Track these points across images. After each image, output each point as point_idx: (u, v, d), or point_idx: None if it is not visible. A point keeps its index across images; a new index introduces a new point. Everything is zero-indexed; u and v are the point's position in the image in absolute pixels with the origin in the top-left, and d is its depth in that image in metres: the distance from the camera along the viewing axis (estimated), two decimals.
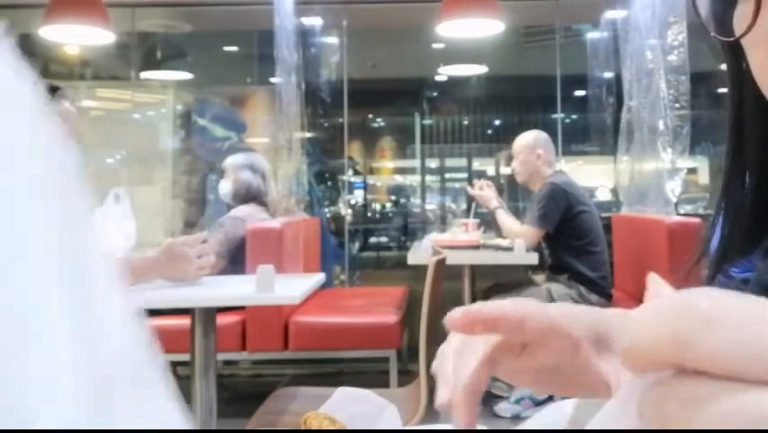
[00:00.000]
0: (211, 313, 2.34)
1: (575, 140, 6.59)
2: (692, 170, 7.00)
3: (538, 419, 0.59)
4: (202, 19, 5.82)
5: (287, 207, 4.41)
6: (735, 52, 0.49)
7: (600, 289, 3.62)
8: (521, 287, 3.80)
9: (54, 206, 0.31)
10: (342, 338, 3.60)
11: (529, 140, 3.87)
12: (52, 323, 0.28)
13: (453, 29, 4.21)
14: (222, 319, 2.88)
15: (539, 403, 3.53)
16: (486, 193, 3.99)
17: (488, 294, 4.00)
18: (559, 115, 5.77)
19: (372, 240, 7.62)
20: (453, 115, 7.90)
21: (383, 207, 8.23)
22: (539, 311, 0.43)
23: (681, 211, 5.00)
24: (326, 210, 6.44)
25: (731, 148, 0.53)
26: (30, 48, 6.11)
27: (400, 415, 0.94)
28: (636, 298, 3.51)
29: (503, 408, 3.62)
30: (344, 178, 6.57)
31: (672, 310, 0.24)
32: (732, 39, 0.47)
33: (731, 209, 0.53)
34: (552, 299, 3.43)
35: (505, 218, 3.93)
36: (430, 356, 2.28)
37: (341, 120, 5.90)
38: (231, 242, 3.55)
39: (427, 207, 7.77)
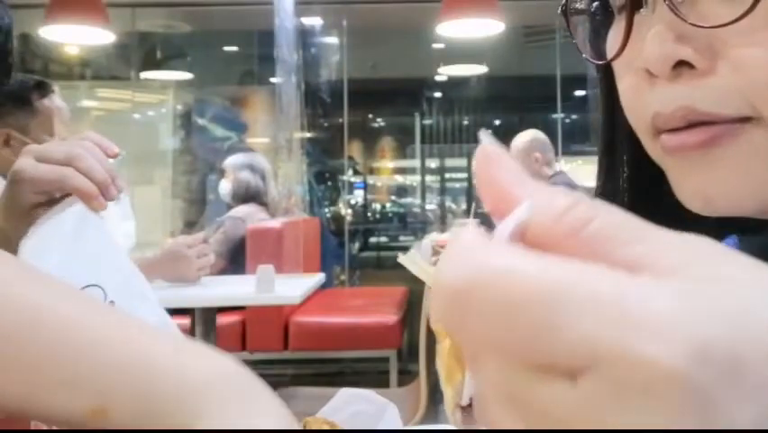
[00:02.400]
0: (211, 313, 2.34)
1: (575, 140, 6.60)
2: None
3: None
4: (202, 19, 5.82)
5: (287, 207, 4.41)
6: (608, 75, 0.48)
7: None
8: None
9: None
10: (342, 338, 3.60)
11: (525, 144, 3.86)
12: None
13: (453, 29, 4.21)
14: (222, 319, 2.88)
15: None
16: None
17: None
18: (559, 115, 5.77)
19: (372, 240, 7.62)
20: (453, 115, 7.90)
21: (383, 207, 8.23)
22: None
23: None
24: (326, 210, 6.44)
25: (602, 174, 0.52)
26: (30, 48, 6.12)
27: (400, 415, 0.94)
28: None
29: None
30: (344, 178, 6.58)
31: None
32: (601, 62, 0.45)
33: None
34: None
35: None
36: (430, 356, 2.28)
37: (341, 120, 5.91)
38: (231, 242, 3.55)
39: (427, 207, 7.77)
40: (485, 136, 0.24)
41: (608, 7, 0.45)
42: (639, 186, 0.51)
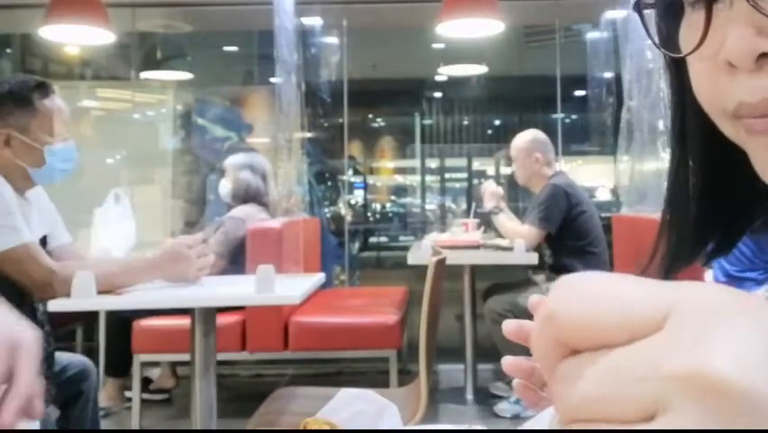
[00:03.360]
0: (211, 313, 2.34)
1: (575, 140, 6.59)
2: None
3: (538, 419, 0.59)
4: (202, 19, 5.82)
5: (287, 207, 4.41)
6: (678, 66, 0.49)
7: None
8: (521, 287, 3.81)
9: None
10: (342, 338, 3.60)
11: (526, 144, 3.86)
12: None
13: (453, 29, 4.21)
14: (222, 319, 2.88)
15: None
16: (495, 192, 3.98)
17: (487, 294, 4.00)
18: (559, 115, 5.77)
19: (372, 240, 7.62)
20: (453, 115, 7.90)
21: (383, 207, 8.23)
22: None
23: None
24: (326, 210, 6.44)
25: (675, 163, 0.54)
26: (30, 48, 6.12)
27: (400, 415, 0.94)
28: None
29: (503, 408, 3.62)
30: (344, 178, 6.57)
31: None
32: (680, 56, 0.47)
33: (675, 221, 0.54)
34: None
35: (506, 222, 3.93)
36: (430, 356, 2.28)
37: (341, 120, 5.90)
38: (231, 242, 3.55)
39: (427, 207, 7.77)
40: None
41: (679, 2, 0.46)
42: (710, 171, 0.52)
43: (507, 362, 0.56)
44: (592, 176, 7.17)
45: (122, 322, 3.55)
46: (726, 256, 0.54)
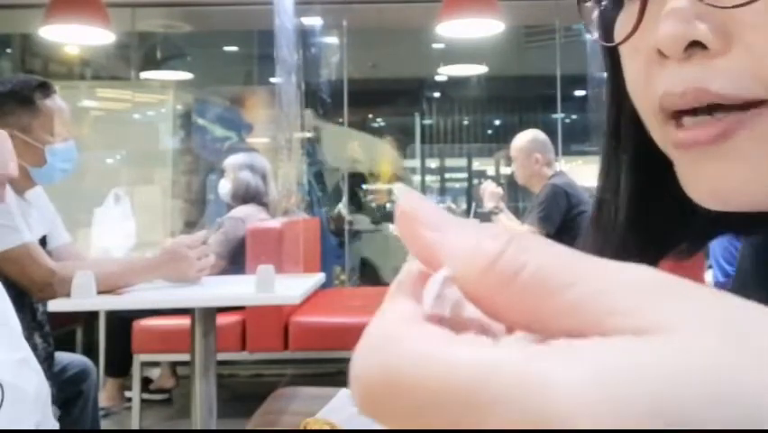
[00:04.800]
0: (211, 313, 2.34)
1: (575, 140, 6.60)
2: None
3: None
4: (202, 19, 5.82)
5: (287, 207, 4.41)
6: (615, 60, 0.46)
7: None
8: None
9: None
10: (342, 338, 3.59)
11: (525, 144, 3.85)
12: None
13: (453, 29, 4.21)
14: (222, 319, 2.88)
15: None
16: (495, 192, 3.98)
17: None
18: (559, 115, 5.77)
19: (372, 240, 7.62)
20: (453, 115, 7.90)
21: (383, 206, 8.23)
22: None
23: None
24: (326, 210, 6.44)
25: (605, 166, 0.51)
26: (30, 48, 6.12)
27: None
28: None
29: None
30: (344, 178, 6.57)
31: None
32: (611, 45, 0.44)
33: (602, 227, 0.51)
34: None
35: (506, 222, 3.93)
36: None
37: (341, 120, 5.90)
38: (231, 242, 3.55)
39: None
40: (399, 191, 0.23)
41: None
42: (641, 177, 0.49)
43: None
44: (592, 176, 7.15)
45: (122, 322, 3.55)
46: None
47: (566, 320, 0.19)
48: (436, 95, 7.83)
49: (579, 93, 6.21)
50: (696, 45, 0.38)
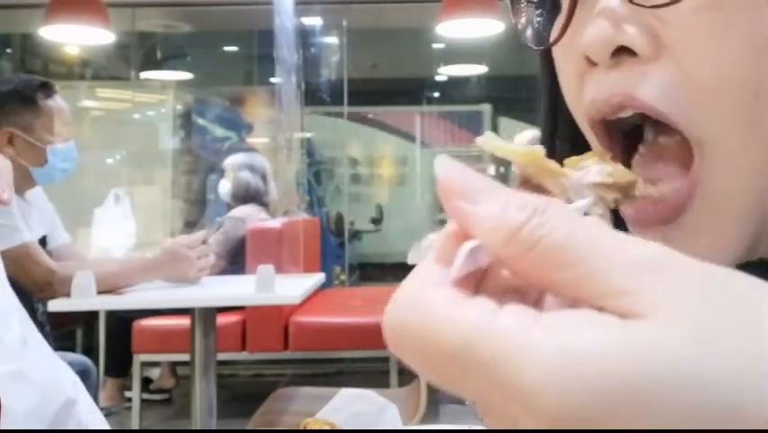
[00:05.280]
0: (211, 313, 2.34)
1: None
2: None
3: None
4: (202, 19, 5.82)
5: (287, 207, 4.41)
6: (550, 64, 0.46)
7: None
8: None
9: None
10: (342, 338, 3.59)
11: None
12: None
13: (453, 29, 4.21)
14: (222, 319, 2.88)
15: None
16: None
17: None
18: None
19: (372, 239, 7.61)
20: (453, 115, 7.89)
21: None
22: None
23: None
24: (326, 210, 6.44)
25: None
26: (30, 48, 6.12)
27: (400, 415, 0.94)
28: None
29: None
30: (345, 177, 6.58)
31: None
32: (541, 48, 0.44)
33: None
34: None
35: None
36: None
37: (341, 120, 5.90)
38: (231, 242, 3.55)
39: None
40: (440, 162, 0.24)
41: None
42: None
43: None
44: None
45: (122, 322, 3.55)
46: None
47: (570, 293, 0.22)
48: (436, 95, 7.83)
49: None
50: (624, 51, 0.37)
